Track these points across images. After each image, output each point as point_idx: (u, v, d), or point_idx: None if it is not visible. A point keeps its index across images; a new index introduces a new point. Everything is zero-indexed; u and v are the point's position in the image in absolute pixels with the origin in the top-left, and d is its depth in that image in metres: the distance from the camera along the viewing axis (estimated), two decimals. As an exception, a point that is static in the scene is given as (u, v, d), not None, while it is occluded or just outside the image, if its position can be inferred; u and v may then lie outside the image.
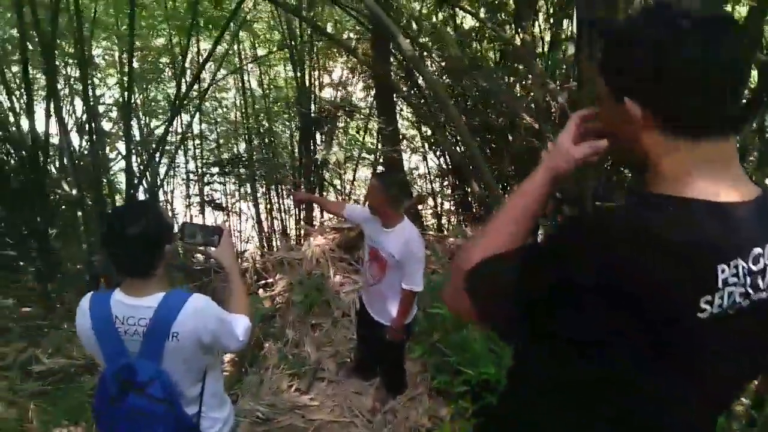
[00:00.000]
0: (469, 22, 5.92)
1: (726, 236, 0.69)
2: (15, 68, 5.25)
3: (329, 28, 6.86)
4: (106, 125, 6.71)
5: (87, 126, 5.10)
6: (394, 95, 6.00)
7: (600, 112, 0.85)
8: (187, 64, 6.11)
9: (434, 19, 5.70)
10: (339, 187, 8.01)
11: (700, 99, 0.68)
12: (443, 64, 5.85)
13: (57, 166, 5.71)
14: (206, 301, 1.43)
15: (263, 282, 4.27)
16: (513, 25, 5.41)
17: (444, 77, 6.12)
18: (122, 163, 5.98)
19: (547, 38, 5.68)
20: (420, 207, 6.79)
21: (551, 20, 5.48)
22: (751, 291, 0.69)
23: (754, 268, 0.69)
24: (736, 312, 0.69)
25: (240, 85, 7.32)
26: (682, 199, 0.70)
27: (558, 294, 0.70)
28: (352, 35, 7.01)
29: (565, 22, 5.27)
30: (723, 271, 0.66)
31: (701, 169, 0.72)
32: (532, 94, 5.20)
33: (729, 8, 4.43)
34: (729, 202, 0.70)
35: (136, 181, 5.38)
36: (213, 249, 1.61)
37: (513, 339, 0.95)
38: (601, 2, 2.56)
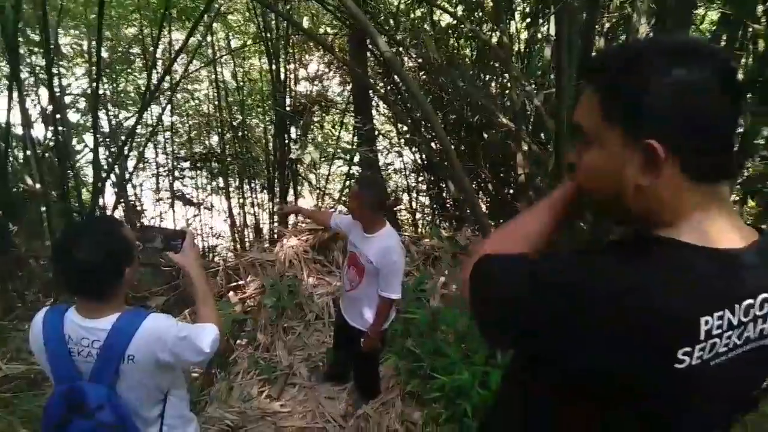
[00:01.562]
0: (446, 19, 5.88)
1: (717, 285, 0.67)
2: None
3: (305, 23, 6.75)
4: (73, 116, 6.48)
5: (52, 117, 4.89)
6: (371, 92, 5.95)
7: (589, 159, 0.77)
8: (158, 55, 5.94)
9: (412, 16, 5.65)
10: (314, 182, 7.94)
11: (718, 141, 0.69)
12: (420, 61, 5.82)
13: (20, 158, 5.49)
14: (164, 319, 1.38)
15: (234, 284, 4.18)
16: (490, 24, 5.41)
17: (420, 74, 6.09)
18: (90, 156, 5.79)
19: (524, 37, 5.70)
20: (396, 208, 6.78)
21: (528, 19, 5.49)
22: (737, 341, 0.68)
23: (743, 318, 0.67)
24: (720, 363, 0.67)
25: (213, 77, 7.15)
26: (677, 243, 0.69)
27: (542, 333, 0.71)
28: (329, 30, 6.91)
29: (542, 21, 5.29)
30: (707, 322, 0.65)
31: (701, 214, 0.71)
32: (508, 92, 5.22)
33: (701, 12, 4.54)
34: (726, 249, 0.69)
35: (104, 175, 5.21)
36: (176, 255, 1.52)
37: (498, 348, 0.97)
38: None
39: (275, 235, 6.16)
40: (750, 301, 0.68)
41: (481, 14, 5.43)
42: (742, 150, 2.85)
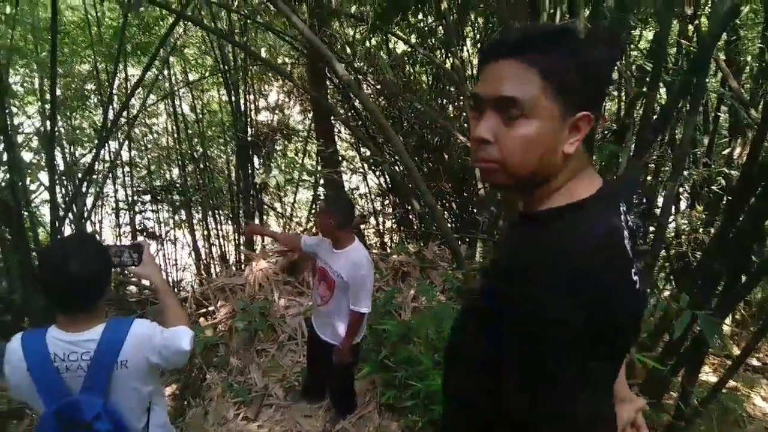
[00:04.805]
0: (402, 46, 6.12)
1: (614, 215, 0.80)
2: None
3: (263, 53, 6.87)
4: (26, 155, 6.31)
5: (4, 156, 4.77)
6: (332, 118, 6.08)
7: (523, 130, 0.79)
8: (114, 91, 5.91)
9: (368, 44, 5.85)
10: (279, 210, 7.94)
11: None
12: (378, 87, 6.00)
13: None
14: (148, 323, 1.45)
15: (203, 310, 4.13)
16: (443, 50, 5.66)
17: (380, 99, 6.27)
18: (46, 195, 5.64)
19: (476, 62, 5.97)
20: (363, 226, 6.85)
21: (479, 46, 5.77)
22: (632, 253, 0.81)
23: (628, 232, 0.81)
24: (635, 271, 0.80)
25: (171, 110, 7.14)
26: (578, 203, 0.81)
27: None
28: (287, 60, 7.05)
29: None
30: (627, 245, 0.78)
31: (584, 168, 0.85)
32: (464, 114, 5.45)
33: (638, 32, 4.90)
34: (599, 190, 0.83)
35: (61, 213, 5.08)
36: (135, 267, 1.60)
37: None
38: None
39: (242, 262, 6.11)
40: (623, 216, 0.83)
41: (433, 41, 5.69)
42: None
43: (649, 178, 4.67)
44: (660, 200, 4.24)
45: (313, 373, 3.08)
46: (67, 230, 5.72)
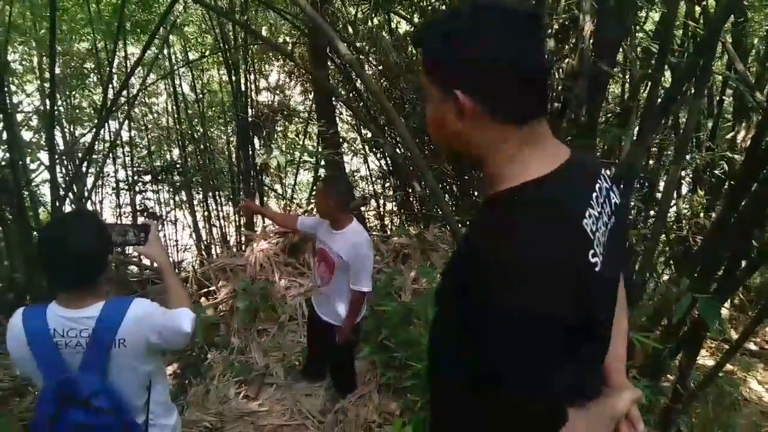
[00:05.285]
0: (404, 26, 6.04)
1: (574, 193, 0.80)
2: None
3: (264, 32, 6.79)
4: (26, 134, 6.29)
5: (4, 135, 4.74)
6: (333, 99, 6.02)
7: (427, 112, 0.89)
8: (114, 69, 5.86)
9: (370, 24, 5.77)
10: (280, 191, 7.93)
11: (522, 89, 0.78)
12: (380, 67, 5.94)
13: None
14: (148, 303, 1.44)
15: (205, 290, 4.16)
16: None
17: (382, 80, 6.21)
18: (46, 174, 5.63)
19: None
20: (363, 209, 6.85)
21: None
22: (603, 228, 0.81)
23: (600, 210, 0.81)
24: (604, 253, 0.79)
25: (171, 90, 7.08)
26: (532, 183, 0.79)
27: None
28: (287, 39, 6.97)
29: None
30: (587, 224, 0.76)
31: (530, 149, 0.82)
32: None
33: (644, 14, 4.82)
34: (560, 166, 0.81)
35: (61, 193, 5.08)
36: (141, 247, 1.61)
37: None
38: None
39: (242, 242, 6.12)
40: (595, 193, 0.83)
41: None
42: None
43: (651, 161, 4.64)
44: (662, 184, 4.23)
45: (313, 353, 3.11)
46: (68, 210, 5.73)
